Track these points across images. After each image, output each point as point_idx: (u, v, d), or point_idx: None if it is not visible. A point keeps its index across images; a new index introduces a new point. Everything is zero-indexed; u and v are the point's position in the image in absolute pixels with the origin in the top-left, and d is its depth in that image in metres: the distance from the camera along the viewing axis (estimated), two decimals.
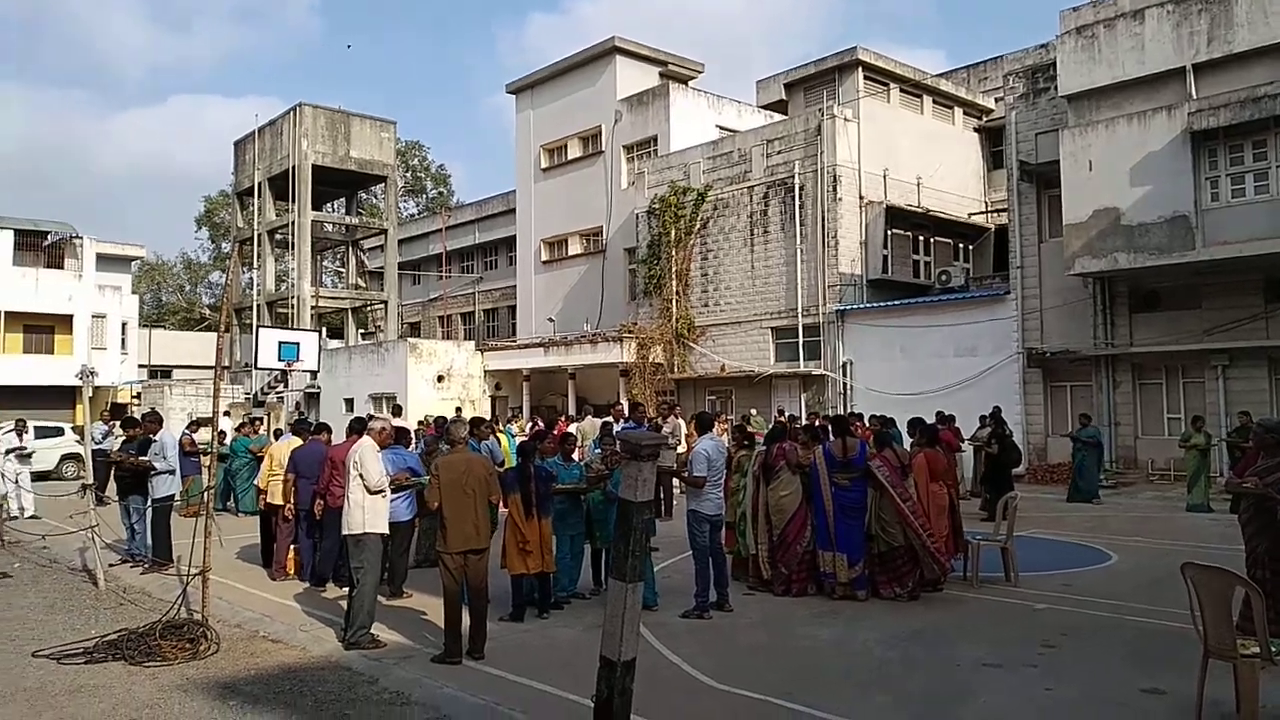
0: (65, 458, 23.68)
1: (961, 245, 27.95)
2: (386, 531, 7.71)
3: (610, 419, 14.20)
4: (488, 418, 20.38)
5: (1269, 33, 16.69)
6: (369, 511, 7.39)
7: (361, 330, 44.01)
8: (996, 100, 28.37)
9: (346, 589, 7.98)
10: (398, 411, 19.59)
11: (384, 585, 8.49)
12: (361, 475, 7.36)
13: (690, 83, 32.98)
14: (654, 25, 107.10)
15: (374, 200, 52.43)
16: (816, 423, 11.84)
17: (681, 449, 14.73)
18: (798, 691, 6.19)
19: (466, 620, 7.02)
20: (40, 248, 36.45)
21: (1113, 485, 18.42)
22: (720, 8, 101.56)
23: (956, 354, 21.94)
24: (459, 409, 24.72)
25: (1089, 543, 12.16)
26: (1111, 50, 18.59)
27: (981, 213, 28.46)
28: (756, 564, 9.19)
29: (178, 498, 13.70)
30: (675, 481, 14.56)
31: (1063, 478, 18.26)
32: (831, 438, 9.34)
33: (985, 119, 29.31)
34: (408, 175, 61.68)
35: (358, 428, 9.88)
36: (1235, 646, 5.13)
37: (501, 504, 7.59)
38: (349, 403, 30.72)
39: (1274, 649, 5.12)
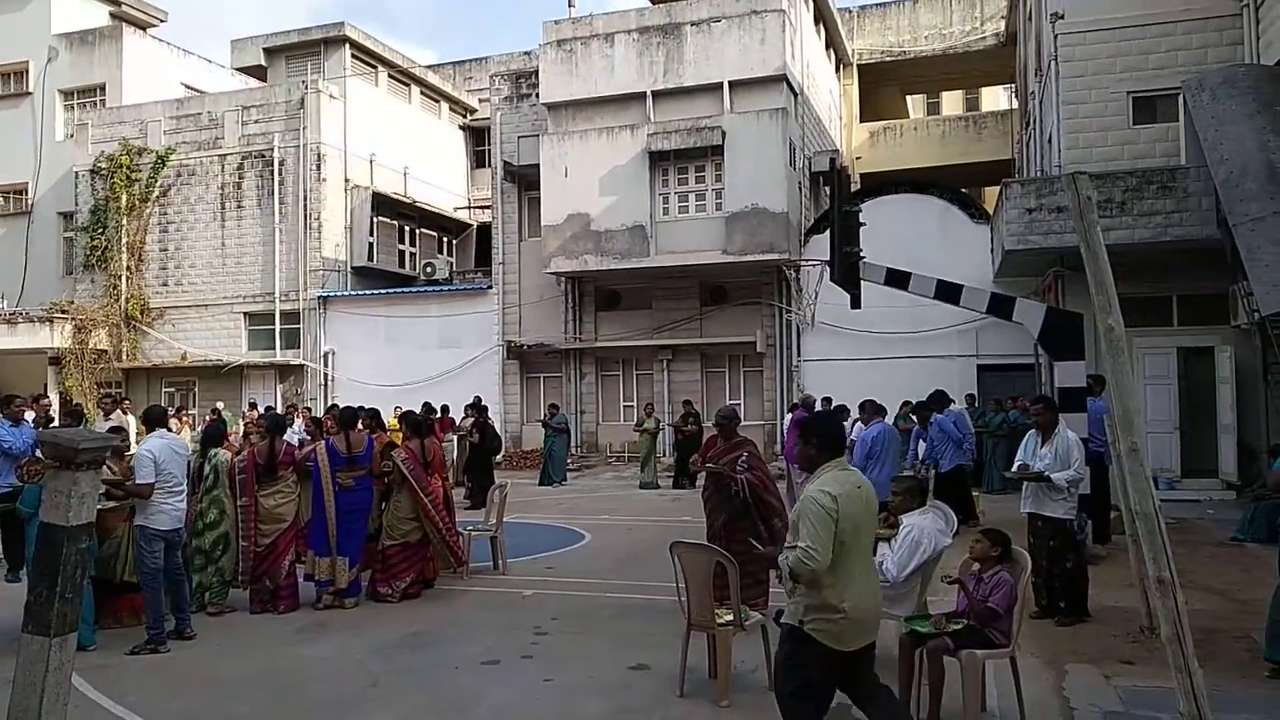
0: None
1: (446, 239, 28.32)
2: None
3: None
4: None
5: (708, 73, 19.40)
6: None
7: None
8: (480, 101, 29.23)
9: None
10: None
11: None
12: None
13: (150, 30, 28.76)
14: None
15: None
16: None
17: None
18: None
19: None
20: None
21: (578, 468, 19.98)
22: None
23: (441, 345, 22.14)
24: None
25: (564, 524, 12.85)
26: (587, 67, 20.14)
27: (465, 208, 29.15)
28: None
29: None
30: None
31: (536, 463, 19.31)
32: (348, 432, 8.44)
33: (470, 118, 30.06)
34: None
35: None
36: (714, 618, 5.53)
37: None
38: None
39: (743, 616, 5.62)
